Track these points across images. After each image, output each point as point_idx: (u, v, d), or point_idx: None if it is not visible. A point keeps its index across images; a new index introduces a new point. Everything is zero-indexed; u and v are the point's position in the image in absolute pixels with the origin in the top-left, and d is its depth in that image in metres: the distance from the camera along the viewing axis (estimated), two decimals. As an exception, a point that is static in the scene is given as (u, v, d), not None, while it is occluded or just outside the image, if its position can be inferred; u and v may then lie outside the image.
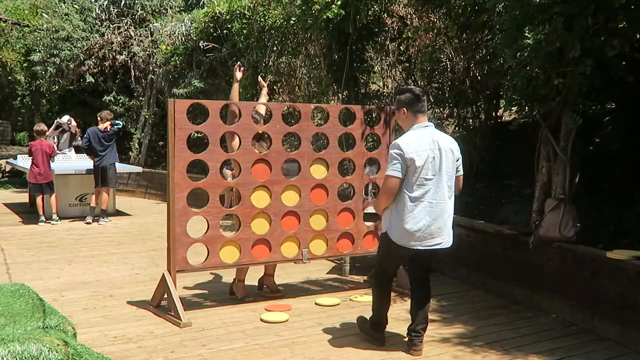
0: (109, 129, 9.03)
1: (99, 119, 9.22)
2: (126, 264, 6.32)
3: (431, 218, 3.73)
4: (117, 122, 9.19)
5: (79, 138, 10.77)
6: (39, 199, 8.90)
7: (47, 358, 2.46)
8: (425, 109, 3.89)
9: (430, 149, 3.73)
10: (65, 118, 11.03)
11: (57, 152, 10.40)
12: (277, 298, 5.22)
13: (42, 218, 8.85)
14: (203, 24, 10.95)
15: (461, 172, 3.98)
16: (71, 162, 10.41)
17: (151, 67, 12.86)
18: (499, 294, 5.31)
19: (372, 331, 4.16)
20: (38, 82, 14.03)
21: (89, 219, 9.09)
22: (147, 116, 13.06)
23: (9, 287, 3.79)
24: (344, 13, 6.66)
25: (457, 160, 3.91)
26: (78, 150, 10.48)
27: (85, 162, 9.82)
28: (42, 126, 9.25)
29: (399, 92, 3.98)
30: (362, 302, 5.09)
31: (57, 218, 9.02)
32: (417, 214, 3.71)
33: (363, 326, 4.27)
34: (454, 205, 3.93)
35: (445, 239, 3.83)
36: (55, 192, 9.04)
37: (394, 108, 4.06)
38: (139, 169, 11.03)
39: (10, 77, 19.77)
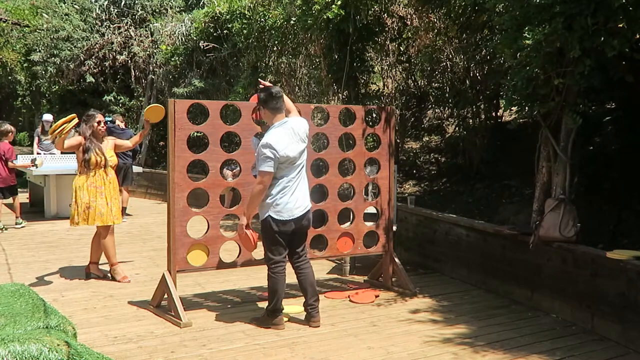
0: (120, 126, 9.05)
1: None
2: (126, 264, 6.32)
3: (299, 192, 4.38)
4: (106, 117, 9.19)
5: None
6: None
7: (48, 358, 2.46)
8: (282, 107, 4.36)
9: (294, 141, 4.32)
10: (50, 117, 10.95)
11: (46, 152, 10.34)
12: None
13: (1, 225, 8.36)
14: (203, 24, 10.95)
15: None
16: (71, 162, 10.40)
17: (151, 67, 12.87)
18: (499, 294, 5.32)
19: (271, 319, 4.45)
20: (38, 82, 14.05)
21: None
22: (147, 116, 13.06)
23: (9, 287, 3.79)
24: (344, 13, 6.65)
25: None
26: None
27: None
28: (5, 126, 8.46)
29: (259, 92, 4.44)
30: (361, 302, 5.09)
31: (22, 221, 8.66)
32: (288, 191, 4.31)
33: (261, 320, 4.51)
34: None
35: (308, 204, 4.50)
36: (17, 195, 8.64)
37: (258, 108, 4.50)
38: (139, 169, 11.02)
39: (10, 77, 19.79)
